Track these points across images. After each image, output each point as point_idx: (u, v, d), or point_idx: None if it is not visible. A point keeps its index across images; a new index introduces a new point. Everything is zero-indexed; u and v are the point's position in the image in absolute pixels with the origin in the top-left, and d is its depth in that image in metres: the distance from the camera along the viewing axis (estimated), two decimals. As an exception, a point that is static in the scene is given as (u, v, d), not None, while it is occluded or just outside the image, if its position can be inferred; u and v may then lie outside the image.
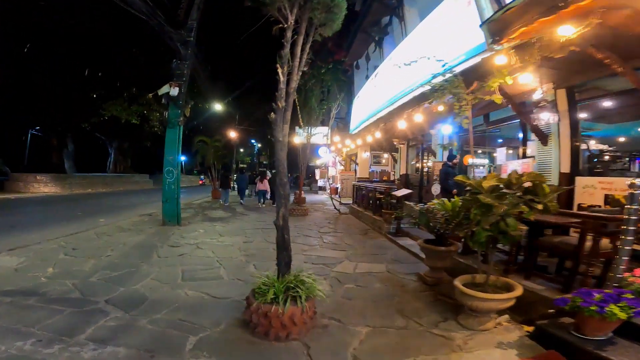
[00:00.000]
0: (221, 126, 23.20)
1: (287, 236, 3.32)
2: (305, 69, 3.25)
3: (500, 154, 7.39)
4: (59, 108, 19.43)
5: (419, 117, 7.51)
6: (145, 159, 33.59)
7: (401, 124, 8.02)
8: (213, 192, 17.60)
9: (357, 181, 15.05)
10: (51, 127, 23.05)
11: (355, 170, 18.22)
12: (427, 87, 4.62)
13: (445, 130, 8.13)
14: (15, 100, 18.55)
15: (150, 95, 8.76)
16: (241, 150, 46.96)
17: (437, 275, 4.61)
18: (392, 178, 18.73)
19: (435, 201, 4.61)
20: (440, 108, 5.48)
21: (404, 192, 7.36)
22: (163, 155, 8.75)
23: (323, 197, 20.81)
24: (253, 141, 38.09)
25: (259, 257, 5.75)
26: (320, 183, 23.90)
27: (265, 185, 14.43)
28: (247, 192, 16.39)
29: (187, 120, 9.50)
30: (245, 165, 35.40)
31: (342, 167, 21.05)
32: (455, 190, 6.67)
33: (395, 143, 12.86)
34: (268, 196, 14.41)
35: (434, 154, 8.97)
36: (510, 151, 8.11)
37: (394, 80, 7.78)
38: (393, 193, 7.65)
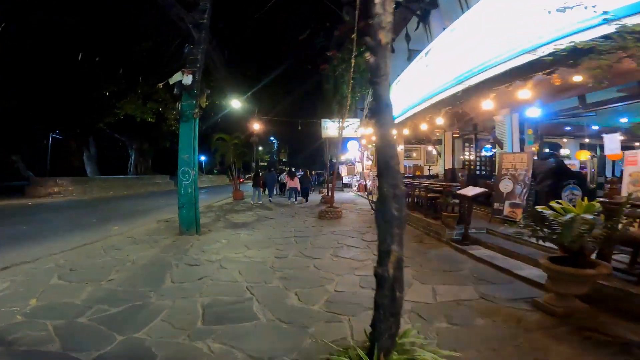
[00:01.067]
0: (241, 122, 22.12)
1: (400, 294, 1.96)
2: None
3: (612, 141, 5.72)
4: (72, 108, 18.77)
5: (487, 101, 5.98)
6: (165, 160, 33.13)
7: (463, 109, 6.49)
8: (234, 193, 16.52)
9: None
10: (69, 129, 22.62)
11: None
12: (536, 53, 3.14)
13: (530, 113, 6.53)
14: (32, 103, 18.06)
15: (161, 84, 7.55)
16: (260, 148, 46.19)
17: (568, 303, 3.18)
18: (425, 172, 17.12)
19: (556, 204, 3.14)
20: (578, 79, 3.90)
21: (475, 190, 5.86)
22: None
23: (350, 194, 19.38)
24: (272, 138, 37.04)
25: (299, 281, 4.42)
26: (345, 180, 22.45)
27: (295, 183, 14.24)
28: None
29: (204, 117, 8.35)
30: (265, 163, 34.45)
31: (369, 162, 19.50)
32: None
33: (437, 133, 11.29)
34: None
35: (501, 145, 7.38)
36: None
37: (465, 53, 6.26)
38: (459, 192, 6.15)
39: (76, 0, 13.92)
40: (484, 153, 10.94)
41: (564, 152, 9.60)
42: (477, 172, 11.06)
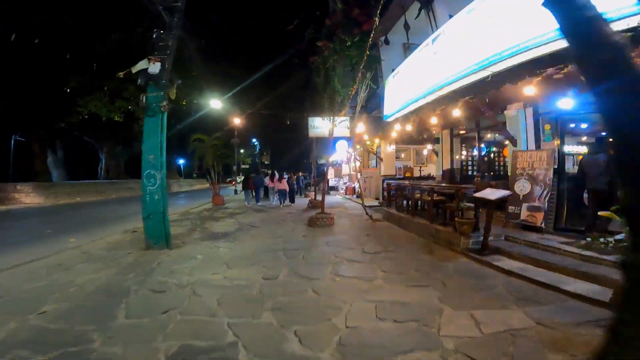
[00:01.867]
0: (222, 122, 20.85)
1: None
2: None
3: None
4: (31, 107, 17.00)
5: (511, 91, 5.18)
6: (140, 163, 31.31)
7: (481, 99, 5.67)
8: (214, 198, 15.28)
9: (387, 179, 12.73)
10: (30, 130, 20.69)
11: (375, 166, 15.92)
12: None
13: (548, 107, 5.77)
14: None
15: (121, 74, 6.38)
16: (242, 150, 44.71)
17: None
18: (415, 173, 16.43)
19: None
20: None
21: (498, 193, 5.01)
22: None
23: (337, 198, 18.46)
24: (254, 140, 35.75)
25: (297, 314, 3.40)
26: (332, 182, 21.52)
27: (284, 185, 13.83)
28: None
29: (182, 117, 7.26)
30: (247, 166, 33.12)
31: (358, 164, 18.67)
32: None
33: (433, 132, 10.52)
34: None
35: (514, 142, 6.62)
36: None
37: (490, 36, 5.46)
38: (477, 195, 5.30)
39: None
40: (476, 152, 10.30)
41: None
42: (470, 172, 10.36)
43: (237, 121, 19.72)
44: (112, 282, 4.45)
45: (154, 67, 6.58)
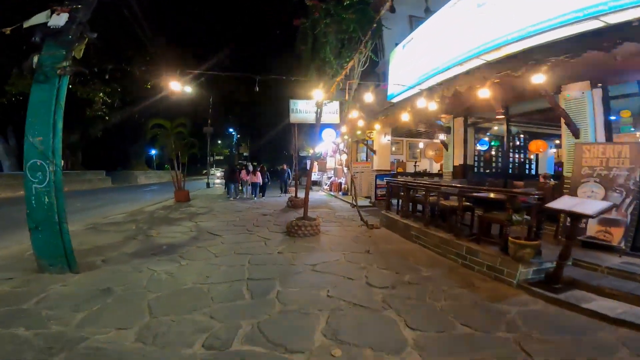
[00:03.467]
0: (192, 107, 18.35)
1: None
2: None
3: None
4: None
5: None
6: (100, 153, 28.15)
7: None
8: (176, 194, 12.94)
9: (382, 175, 10.86)
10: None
11: (366, 160, 14.02)
12: None
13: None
14: None
15: (8, 30, 4.02)
16: (219, 142, 41.83)
17: None
18: (408, 169, 14.68)
19: None
20: None
21: (598, 205, 3.16)
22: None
23: (320, 194, 16.46)
24: (231, 130, 33.14)
25: None
26: (315, 177, 19.48)
27: (258, 178, 13.79)
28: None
29: (140, 101, 5.01)
30: (220, 157, 30.56)
31: (345, 157, 16.73)
32: None
33: (443, 121, 8.68)
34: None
35: (576, 133, 4.84)
36: None
37: None
38: (554, 206, 3.43)
39: None
40: (479, 147, 8.59)
41: None
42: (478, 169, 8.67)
43: (210, 105, 17.28)
44: None
45: (58, 19, 4.37)
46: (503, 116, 6.97)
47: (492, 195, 4.54)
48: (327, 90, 7.51)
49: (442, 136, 8.28)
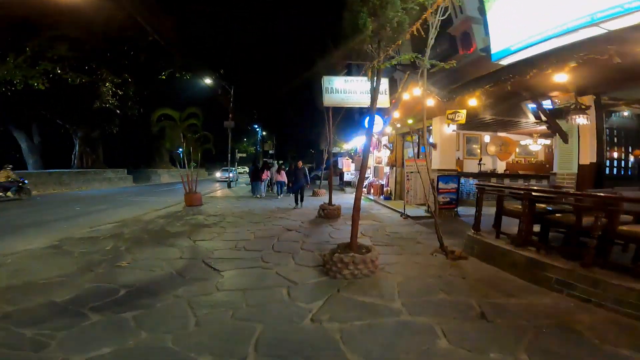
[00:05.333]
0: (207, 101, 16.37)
1: None
2: None
3: None
4: None
5: None
6: (121, 150, 27.06)
7: None
8: (186, 197, 10.87)
9: (447, 177, 8.17)
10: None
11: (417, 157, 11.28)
12: None
13: None
14: None
15: None
16: (244, 139, 40.12)
17: None
18: (466, 168, 11.77)
19: None
20: None
21: None
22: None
23: (353, 197, 13.89)
24: (256, 126, 31.18)
25: None
26: (347, 177, 16.91)
27: (283, 177, 13.42)
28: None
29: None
30: (244, 154, 28.70)
31: (388, 153, 14.03)
32: None
33: (583, 104, 5.77)
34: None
35: None
36: None
37: None
38: None
39: None
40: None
41: None
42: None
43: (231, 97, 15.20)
44: None
45: None
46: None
47: None
48: (384, 52, 4.88)
49: (580, 118, 5.27)
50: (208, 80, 19.70)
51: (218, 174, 25.34)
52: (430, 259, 4.77)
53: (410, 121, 9.50)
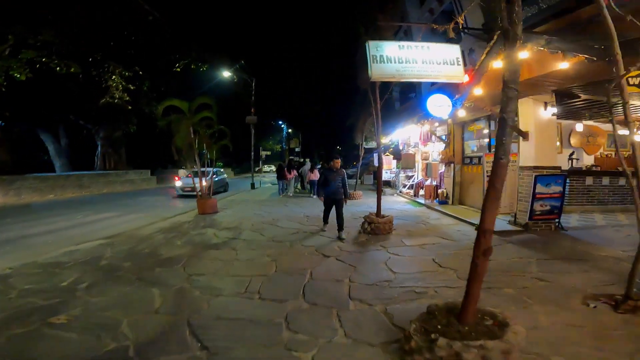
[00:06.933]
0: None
1: None
2: None
3: None
4: None
5: None
6: (144, 151, 26.17)
7: None
8: (199, 203, 9.15)
9: (549, 176, 5.91)
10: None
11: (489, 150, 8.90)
12: None
13: None
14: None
15: None
16: (270, 138, 38.58)
17: None
18: (552, 163, 9.20)
19: None
20: None
21: None
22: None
23: (396, 200, 11.66)
24: (280, 123, 29.47)
25: None
26: (386, 176, 14.65)
27: (316, 175, 12.54)
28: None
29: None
30: (268, 152, 27.05)
31: (428, 147, 11.68)
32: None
33: None
34: None
35: None
36: None
37: None
38: None
39: None
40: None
41: None
42: None
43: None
44: None
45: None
46: None
47: None
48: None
49: None
50: (227, 73, 18.10)
51: (178, 182, 14.59)
52: (590, 315, 2.57)
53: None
